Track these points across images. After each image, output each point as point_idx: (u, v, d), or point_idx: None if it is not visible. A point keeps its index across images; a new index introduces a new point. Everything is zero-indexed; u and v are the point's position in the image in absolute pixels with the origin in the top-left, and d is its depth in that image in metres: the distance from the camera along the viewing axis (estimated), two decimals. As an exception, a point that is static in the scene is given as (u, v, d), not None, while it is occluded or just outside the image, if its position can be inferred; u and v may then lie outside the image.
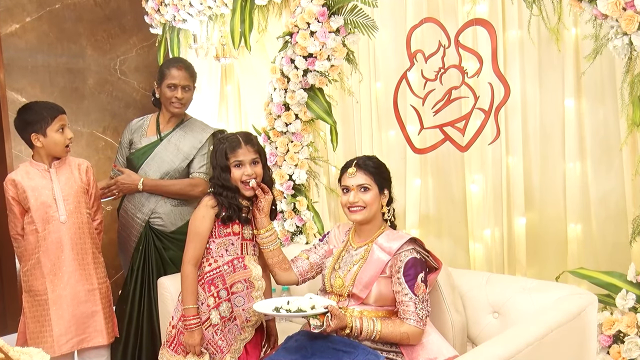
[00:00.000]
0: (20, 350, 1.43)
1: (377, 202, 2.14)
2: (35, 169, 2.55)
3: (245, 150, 2.21)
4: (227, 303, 2.20)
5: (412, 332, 2.00)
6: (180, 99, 2.89)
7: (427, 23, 2.93)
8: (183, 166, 2.93)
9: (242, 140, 2.22)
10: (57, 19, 4.20)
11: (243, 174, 2.20)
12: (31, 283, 2.53)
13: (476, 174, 2.93)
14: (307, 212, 3.27)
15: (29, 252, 2.54)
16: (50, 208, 2.52)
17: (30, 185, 2.51)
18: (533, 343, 1.80)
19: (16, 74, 4.03)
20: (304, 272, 2.31)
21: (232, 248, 2.23)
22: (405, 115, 3.09)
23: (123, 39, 4.52)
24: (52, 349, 2.47)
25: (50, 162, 2.57)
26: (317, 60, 3.00)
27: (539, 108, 2.73)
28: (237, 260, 2.23)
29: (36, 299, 2.52)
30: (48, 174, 2.55)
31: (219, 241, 2.22)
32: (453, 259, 2.99)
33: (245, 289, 2.22)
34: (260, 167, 2.24)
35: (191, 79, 2.92)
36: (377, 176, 2.15)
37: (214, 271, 2.21)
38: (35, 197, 2.50)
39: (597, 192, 2.56)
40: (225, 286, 2.20)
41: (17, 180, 2.51)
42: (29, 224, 2.53)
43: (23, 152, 4.07)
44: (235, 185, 2.21)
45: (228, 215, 2.20)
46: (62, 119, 2.55)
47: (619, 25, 2.10)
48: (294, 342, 2.10)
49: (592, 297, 2.09)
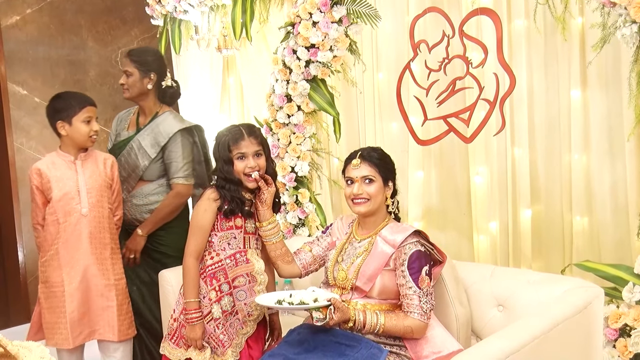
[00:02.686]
0: (19, 344, 1.42)
1: (381, 194, 2.11)
2: (61, 159, 2.56)
3: (248, 142, 2.18)
4: (229, 297, 2.18)
5: (416, 325, 1.98)
6: (123, 84, 2.90)
7: (431, 13, 2.90)
8: (146, 164, 2.86)
9: (244, 132, 2.19)
10: (58, 11, 4.18)
11: (246, 166, 2.17)
12: (48, 274, 2.54)
13: (481, 165, 2.91)
14: (309, 205, 3.25)
15: (49, 243, 2.54)
16: (72, 200, 2.53)
17: (55, 176, 2.52)
18: (539, 337, 1.78)
19: (17, 67, 4.01)
20: (307, 264, 2.29)
21: (234, 242, 2.21)
22: (409, 106, 3.06)
23: (124, 30, 4.49)
24: (67, 340, 2.48)
25: (76, 154, 2.58)
26: (320, 51, 2.97)
27: (545, 99, 2.70)
28: (240, 254, 2.21)
29: (52, 290, 2.52)
30: (74, 166, 2.56)
31: (221, 234, 2.20)
32: (457, 251, 2.97)
33: (248, 283, 2.21)
34: (263, 160, 2.21)
35: (131, 64, 2.89)
36: (382, 168, 2.11)
37: (216, 265, 2.19)
38: (60, 187, 2.52)
39: (602, 184, 2.54)
40: (227, 280, 2.18)
41: (43, 169, 2.53)
42: (50, 214, 2.53)
43: (24, 144, 4.06)
44: (238, 178, 2.18)
45: (230, 208, 2.18)
46: (89, 110, 2.56)
47: (627, 13, 2.06)
48: (297, 335, 2.08)
49: (599, 290, 2.07)
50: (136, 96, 2.91)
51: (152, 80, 2.89)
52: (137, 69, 2.88)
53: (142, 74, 2.88)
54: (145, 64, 2.89)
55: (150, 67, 2.90)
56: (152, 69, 2.89)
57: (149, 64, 2.90)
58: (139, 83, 2.88)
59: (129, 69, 2.88)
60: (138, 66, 2.88)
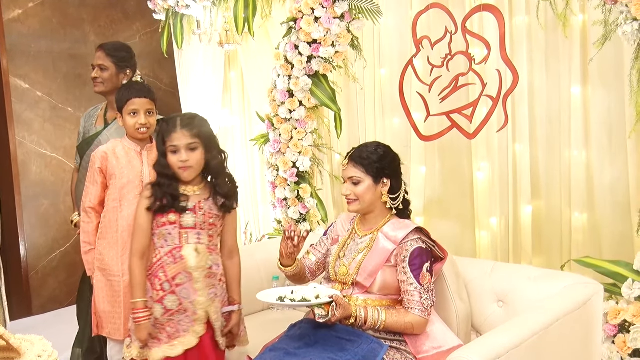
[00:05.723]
0: (21, 337, 1.43)
1: (371, 193, 2.10)
2: (129, 147, 2.49)
3: (181, 135, 2.09)
4: (172, 296, 2.12)
5: (416, 322, 1.99)
6: (96, 77, 2.88)
7: (434, 9, 2.90)
8: None
9: (178, 124, 2.10)
10: (60, 5, 4.18)
11: (178, 160, 2.10)
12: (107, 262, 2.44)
13: (483, 161, 2.91)
14: (310, 200, 3.26)
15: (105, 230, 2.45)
16: (136, 189, 2.43)
17: (122, 163, 2.45)
18: (538, 332, 1.79)
19: (19, 60, 4.02)
20: (313, 271, 2.32)
21: (170, 238, 2.15)
22: (411, 102, 3.07)
23: (126, 24, 4.49)
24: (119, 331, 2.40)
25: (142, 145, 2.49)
26: (322, 47, 2.97)
27: (546, 95, 2.70)
28: (176, 250, 2.15)
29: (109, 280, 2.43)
30: (140, 156, 2.52)
31: (158, 231, 2.15)
32: (459, 247, 2.98)
33: (188, 281, 2.13)
34: (198, 154, 2.11)
35: (107, 59, 2.86)
36: (371, 167, 2.09)
37: (157, 263, 2.14)
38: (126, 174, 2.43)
39: (603, 181, 2.54)
40: (167, 278, 2.12)
41: (109, 154, 2.45)
42: (113, 200, 2.44)
43: (26, 138, 4.07)
44: (173, 171, 2.13)
45: (161, 205, 2.12)
46: (133, 102, 2.44)
47: (629, 10, 2.07)
48: (298, 330, 2.10)
49: (598, 287, 2.08)
50: (109, 91, 2.88)
51: (127, 76, 2.89)
52: (114, 64, 2.87)
53: (118, 69, 2.87)
54: (123, 60, 2.89)
55: (127, 64, 2.90)
56: (128, 65, 2.90)
57: (126, 60, 2.90)
58: (114, 78, 2.87)
59: (105, 63, 2.87)
60: (115, 61, 2.87)
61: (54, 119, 4.21)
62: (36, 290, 4.16)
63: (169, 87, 4.68)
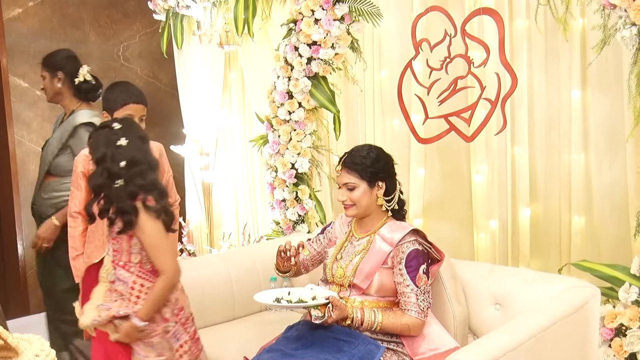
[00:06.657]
0: (19, 336, 1.43)
1: (367, 197, 2.10)
2: None
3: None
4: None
5: (413, 323, 2.00)
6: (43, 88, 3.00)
7: (433, 11, 2.90)
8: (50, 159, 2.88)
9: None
10: (60, 4, 4.18)
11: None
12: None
13: (481, 164, 2.92)
14: (309, 201, 3.26)
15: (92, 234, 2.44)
16: None
17: None
18: (535, 335, 1.79)
19: (18, 59, 4.02)
20: (306, 266, 2.36)
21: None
22: (410, 104, 3.07)
23: (126, 24, 4.49)
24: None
25: None
26: (321, 48, 2.97)
27: (545, 99, 2.71)
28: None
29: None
30: None
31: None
32: (457, 249, 2.98)
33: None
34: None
35: (43, 69, 2.95)
36: (364, 172, 2.08)
37: None
38: None
39: (601, 184, 2.55)
40: None
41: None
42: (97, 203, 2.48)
43: (25, 137, 4.06)
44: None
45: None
46: (129, 107, 2.43)
47: (627, 15, 2.07)
48: (295, 331, 2.10)
49: (595, 290, 2.08)
50: (52, 97, 2.98)
51: (60, 79, 2.92)
52: (47, 72, 2.94)
53: (51, 75, 2.94)
54: (53, 65, 2.94)
55: (57, 66, 2.93)
56: (58, 68, 2.93)
57: (56, 64, 2.94)
58: (50, 84, 2.94)
59: (42, 73, 2.96)
60: (47, 68, 2.94)
61: (53, 118, 4.18)
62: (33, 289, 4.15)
63: (169, 87, 4.67)
